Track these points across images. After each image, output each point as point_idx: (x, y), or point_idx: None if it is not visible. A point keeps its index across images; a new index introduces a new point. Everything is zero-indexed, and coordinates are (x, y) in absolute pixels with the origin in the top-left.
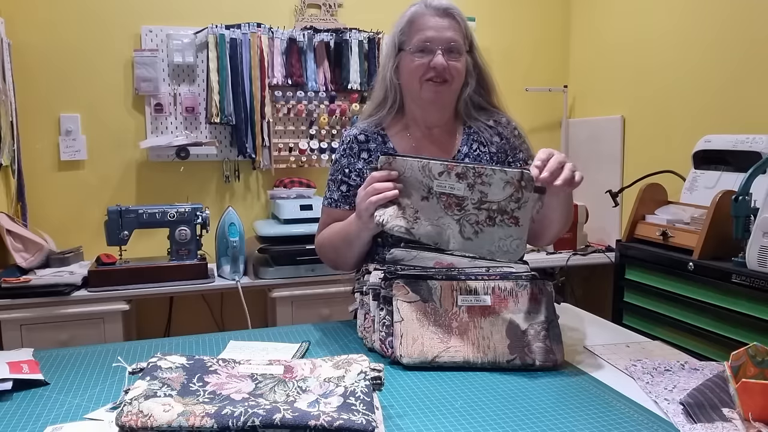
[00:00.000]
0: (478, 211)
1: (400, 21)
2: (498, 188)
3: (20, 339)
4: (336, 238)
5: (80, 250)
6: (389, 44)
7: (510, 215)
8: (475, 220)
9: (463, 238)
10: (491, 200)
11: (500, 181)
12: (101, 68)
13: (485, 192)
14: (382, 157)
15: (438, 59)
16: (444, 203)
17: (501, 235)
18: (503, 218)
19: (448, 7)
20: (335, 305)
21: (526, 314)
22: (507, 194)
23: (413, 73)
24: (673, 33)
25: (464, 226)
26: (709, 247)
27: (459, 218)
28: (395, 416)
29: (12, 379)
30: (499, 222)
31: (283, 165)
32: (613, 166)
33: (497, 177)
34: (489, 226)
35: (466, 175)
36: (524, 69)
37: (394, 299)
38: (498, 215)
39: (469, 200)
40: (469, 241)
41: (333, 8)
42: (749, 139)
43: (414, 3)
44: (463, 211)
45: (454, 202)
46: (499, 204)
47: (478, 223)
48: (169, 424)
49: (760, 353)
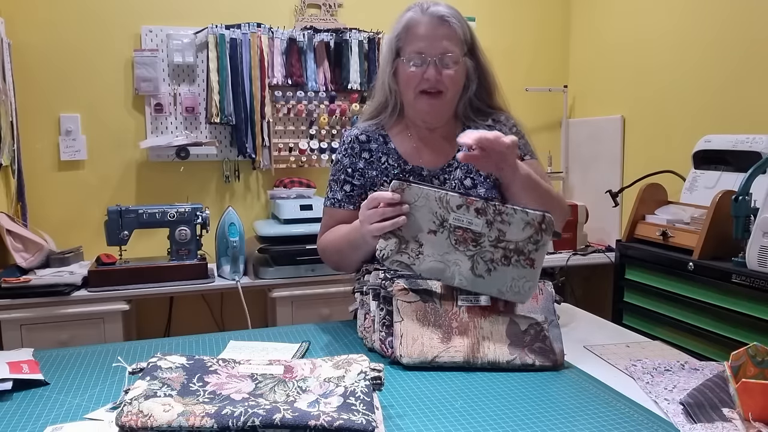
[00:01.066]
0: (494, 249)
1: (398, 26)
2: (518, 228)
3: (20, 339)
4: (341, 242)
5: (80, 250)
6: (387, 48)
7: (527, 257)
8: (490, 257)
9: (474, 275)
10: (509, 239)
11: (521, 221)
12: (101, 68)
13: (504, 231)
14: (395, 182)
15: (430, 72)
16: (457, 238)
17: (514, 276)
18: (519, 259)
19: (445, 14)
20: (335, 305)
21: (526, 314)
22: (526, 235)
23: (408, 83)
24: (673, 33)
25: (477, 262)
26: (709, 247)
27: (473, 254)
28: (395, 416)
29: (12, 379)
30: (515, 262)
31: (283, 165)
32: (613, 166)
33: (518, 217)
34: (504, 265)
35: (486, 211)
36: (524, 69)
37: (394, 299)
38: (514, 255)
39: (486, 237)
40: (480, 279)
41: (333, 8)
42: (749, 139)
43: (411, 6)
44: (479, 248)
45: (470, 238)
46: (516, 244)
47: (493, 261)
48: (169, 424)
49: (760, 353)
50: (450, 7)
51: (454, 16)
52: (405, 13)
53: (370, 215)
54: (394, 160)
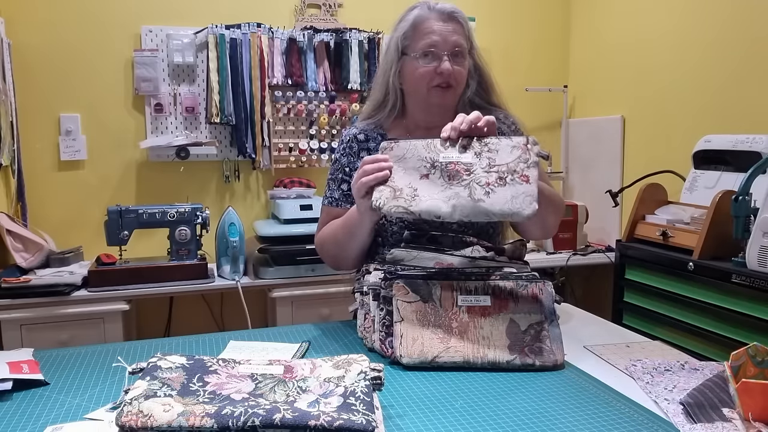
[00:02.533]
0: (487, 173)
1: (403, 25)
2: (505, 153)
3: (20, 339)
4: (339, 232)
5: (80, 250)
6: (390, 48)
7: (521, 174)
8: (485, 181)
9: (474, 200)
10: (500, 163)
11: (507, 147)
12: (101, 68)
13: (493, 158)
14: (384, 143)
15: (445, 65)
16: (450, 173)
17: (513, 193)
18: (514, 177)
19: (453, 10)
20: (335, 305)
21: (526, 314)
22: (515, 156)
23: (420, 80)
24: (673, 33)
25: (474, 188)
26: (709, 247)
27: (468, 182)
28: (395, 416)
29: (12, 379)
30: (510, 181)
31: (283, 165)
32: (613, 166)
33: (503, 143)
34: (500, 186)
35: (472, 145)
36: (524, 69)
37: (394, 299)
38: (509, 175)
39: (478, 165)
40: (480, 203)
41: (333, 8)
42: (749, 139)
43: (415, 5)
44: (473, 175)
45: (463, 169)
46: (508, 165)
47: (489, 184)
48: (169, 424)
49: (760, 353)
50: (455, 6)
51: (460, 13)
52: (410, 11)
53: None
54: None
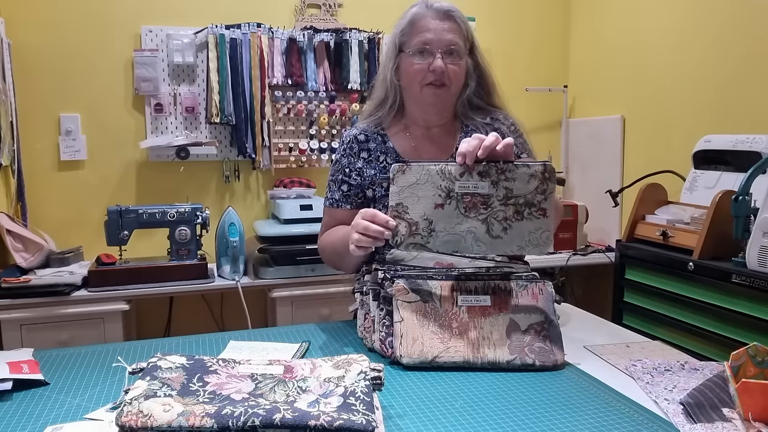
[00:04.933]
0: (505, 207)
1: (401, 21)
2: (523, 182)
3: (20, 339)
4: (338, 244)
5: (80, 250)
6: (390, 44)
7: (538, 207)
8: (503, 216)
9: (491, 236)
10: (517, 195)
11: (524, 175)
12: (101, 68)
13: (510, 187)
14: (395, 165)
15: (437, 63)
16: (466, 205)
17: (531, 228)
18: (531, 211)
19: (450, 9)
20: (335, 305)
21: (526, 314)
22: (533, 187)
23: (413, 77)
24: (672, 33)
25: (492, 224)
26: (709, 247)
27: (486, 217)
28: (395, 416)
29: (12, 379)
30: (528, 215)
31: (283, 165)
32: (613, 166)
33: (521, 171)
34: (518, 220)
35: (489, 172)
36: (524, 69)
37: (394, 299)
38: (526, 208)
39: (495, 197)
40: (498, 240)
41: (333, 8)
42: (749, 139)
43: (415, 3)
44: (490, 209)
45: (480, 201)
46: (525, 197)
47: (507, 219)
48: (169, 424)
49: (760, 353)
50: (454, 5)
51: (458, 12)
52: (409, 9)
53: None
54: (393, 159)
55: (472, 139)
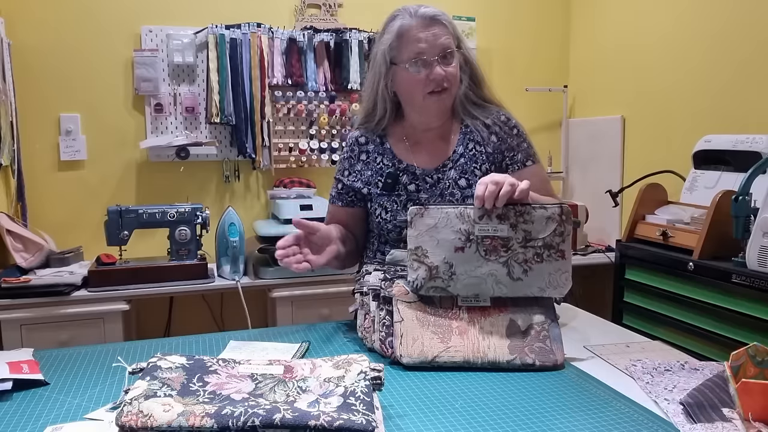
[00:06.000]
0: (524, 249)
1: (388, 36)
2: (540, 225)
3: (20, 339)
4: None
5: (80, 250)
6: (378, 59)
7: (556, 249)
8: (523, 258)
9: (513, 279)
10: (536, 237)
11: (542, 218)
12: (101, 68)
13: (529, 230)
14: (413, 208)
15: (437, 71)
16: (487, 248)
17: (551, 270)
18: (550, 253)
19: (435, 13)
20: (335, 305)
21: (526, 314)
22: (551, 229)
23: (414, 88)
24: (673, 33)
25: (512, 267)
26: (709, 247)
27: (506, 260)
28: (395, 416)
29: (12, 379)
30: (547, 257)
31: (283, 165)
32: (613, 166)
33: (538, 214)
34: (538, 263)
35: (508, 215)
36: (524, 69)
37: (394, 299)
38: (545, 251)
39: (515, 240)
40: (519, 282)
41: (333, 8)
42: (749, 139)
43: (396, 13)
44: (510, 252)
45: (500, 244)
46: (544, 240)
47: (527, 262)
48: (169, 424)
49: (760, 353)
50: (436, 8)
51: (443, 14)
52: (392, 21)
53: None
54: (389, 160)
55: (489, 184)
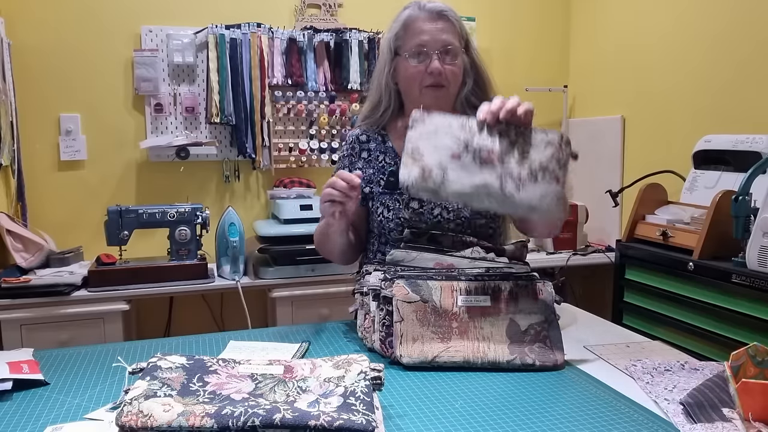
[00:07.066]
0: (520, 166)
1: (395, 25)
2: (540, 148)
3: (20, 339)
4: (318, 231)
5: (80, 250)
6: (384, 48)
7: (552, 174)
8: (517, 174)
9: (504, 193)
10: (533, 158)
11: (541, 142)
12: (101, 68)
13: (526, 150)
14: (416, 111)
15: (434, 64)
16: (482, 159)
17: (543, 192)
18: (545, 175)
19: (443, 9)
20: (335, 305)
21: (526, 314)
22: (549, 154)
23: (411, 80)
24: (673, 33)
25: (505, 180)
26: (709, 247)
27: (500, 173)
28: (395, 416)
29: (12, 379)
30: (541, 179)
31: (283, 165)
32: (613, 166)
33: (538, 137)
34: (531, 182)
35: (508, 133)
36: (524, 69)
37: (394, 299)
38: (540, 172)
39: (512, 155)
40: (510, 198)
41: (333, 8)
42: (749, 139)
43: (407, 5)
44: (505, 165)
45: (497, 157)
46: (540, 162)
47: (520, 179)
48: (169, 424)
49: (760, 353)
50: (446, 5)
51: (451, 11)
52: (402, 12)
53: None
54: (391, 158)
55: (494, 100)
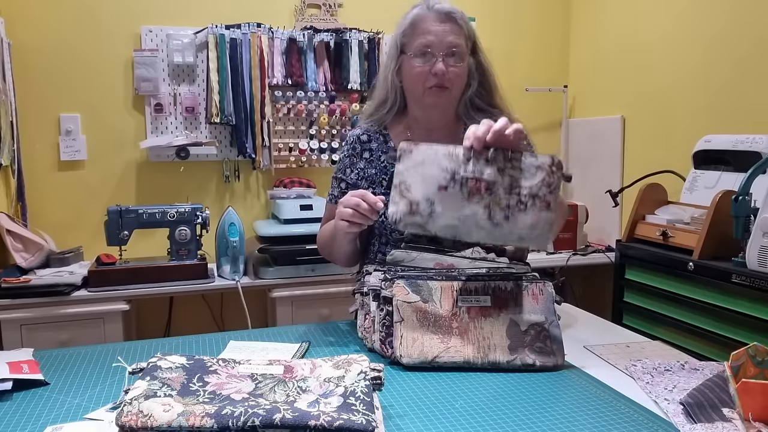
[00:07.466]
0: (508, 195)
1: (403, 22)
2: (529, 173)
3: (20, 339)
4: (328, 235)
5: (80, 250)
6: (391, 45)
7: (542, 199)
8: (505, 204)
9: (492, 223)
10: (523, 185)
11: (531, 166)
12: (101, 68)
13: (516, 177)
14: (404, 143)
15: (438, 66)
16: (470, 189)
17: (533, 220)
18: (535, 202)
19: (451, 10)
20: (335, 305)
21: (527, 314)
22: (539, 179)
23: (415, 80)
24: (673, 33)
25: (494, 210)
26: (709, 247)
27: (488, 203)
28: (395, 416)
29: (12, 379)
30: (531, 206)
31: (283, 165)
32: (613, 166)
33: (528, 162)
34: (520, 210)
35: (496, 159)
36: (524, 69)
37: (394, 300)
38: (530, 200)
39: (500, 185)
40: (498, 227)
41: (333, 8)
42: (749, 139)
43: (416, 4)
44: (493, 195)
45: (484, 187)
46: (530, 189)
47: (509, 208)
48: (169, 424)
49: (760, 353)
50: (455, 6)
51: (459, 13)
52: (410, 10)
53: (342, 212)
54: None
55: (481, 125)
